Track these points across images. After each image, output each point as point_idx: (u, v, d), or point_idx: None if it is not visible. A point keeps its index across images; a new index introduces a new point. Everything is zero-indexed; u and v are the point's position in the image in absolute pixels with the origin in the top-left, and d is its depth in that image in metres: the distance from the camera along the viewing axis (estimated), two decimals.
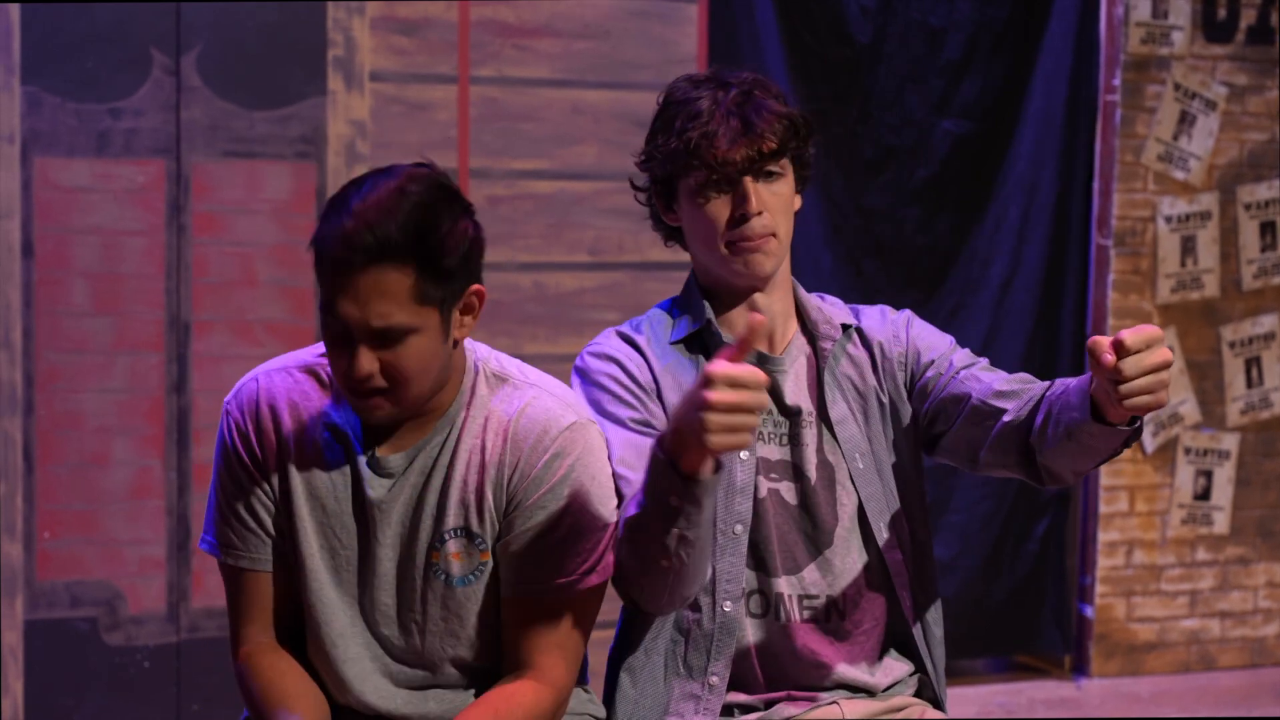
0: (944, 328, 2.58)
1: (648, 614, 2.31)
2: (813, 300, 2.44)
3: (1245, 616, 5.31)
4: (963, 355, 2.42)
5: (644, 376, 2.34)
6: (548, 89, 4.55)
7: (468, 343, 2.19)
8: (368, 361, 2.01)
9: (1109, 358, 1.97)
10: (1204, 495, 5.22)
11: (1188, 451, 5.21)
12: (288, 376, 2.19)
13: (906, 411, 2.41)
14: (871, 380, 2.40)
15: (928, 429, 2.41)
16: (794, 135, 2.32)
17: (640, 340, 2.38)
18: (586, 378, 2.35)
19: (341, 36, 4.33)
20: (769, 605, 2.32)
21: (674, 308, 2.44)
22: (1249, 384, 5.26)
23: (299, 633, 2.22)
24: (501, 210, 4.52)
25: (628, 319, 2.48)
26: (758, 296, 2.38)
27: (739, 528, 2.29)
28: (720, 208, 2.32)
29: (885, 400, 2.40)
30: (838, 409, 2.37)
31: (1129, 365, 1.98)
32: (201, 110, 4.25)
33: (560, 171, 4.57)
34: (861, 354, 2.42)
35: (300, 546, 2.16)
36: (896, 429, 2.41)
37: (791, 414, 2.36)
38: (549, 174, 4.56)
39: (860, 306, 2.51)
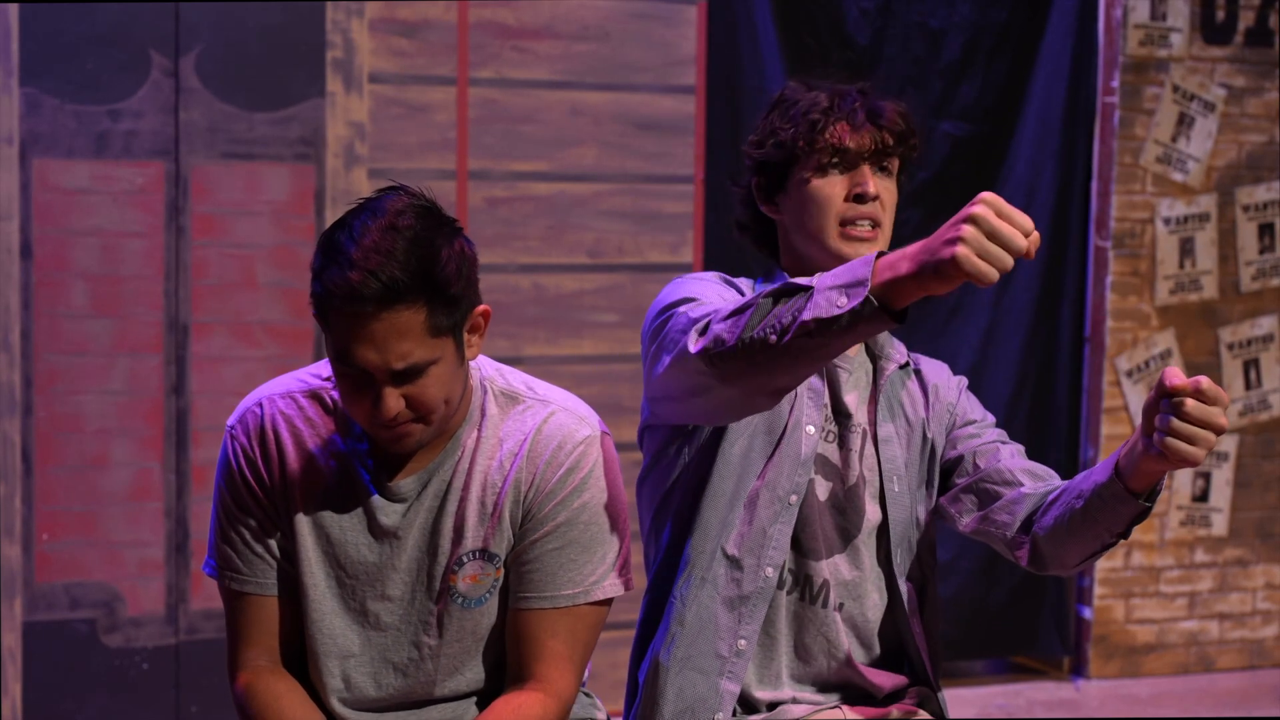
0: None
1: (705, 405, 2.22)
2: None
3: (1244, 618, 5.31)
4: (1001, 432, 2.47)
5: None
6: (547, 91, 4.55)
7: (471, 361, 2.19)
8: (394, 401, 2.01)
9: (1178, 381, 1.97)
10: (1202, 497, 5.23)
11: None
12: (292, 402, 2.17)
13: (939, 452, 2.46)
14: (923, 413, 2.44)
15: (943, 479, 2.45)
16: (911, 135, 2.37)
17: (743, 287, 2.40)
18: (686, 280, 2.35)
19: (340, 38, 4.33)
20: (798, 583, 2.35)
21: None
22: (1247, 386, 5.26)
23: (303, 655, 2.21)
24: (501, 212, 4.52)
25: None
26: None
27: (794, 498, 2.32)
28: (838, 186, 2.35)
29: (930, 436, 2.43)
30: (886, 428, 2.40)
31: (1195, 407, 1.97)
32: (200, 112, 4.25)
33: (560, 173, 4.57)
34: (917, 389, 2.46)
35: (304, 575, 2.15)
36: (931, 467, 2.44)
37: (844, 417, 2.39)
38: (548, 176, 4.56)
39: (919, 355, 2.55)
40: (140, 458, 4.25)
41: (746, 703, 2.36)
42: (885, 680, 2.40)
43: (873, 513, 2.37)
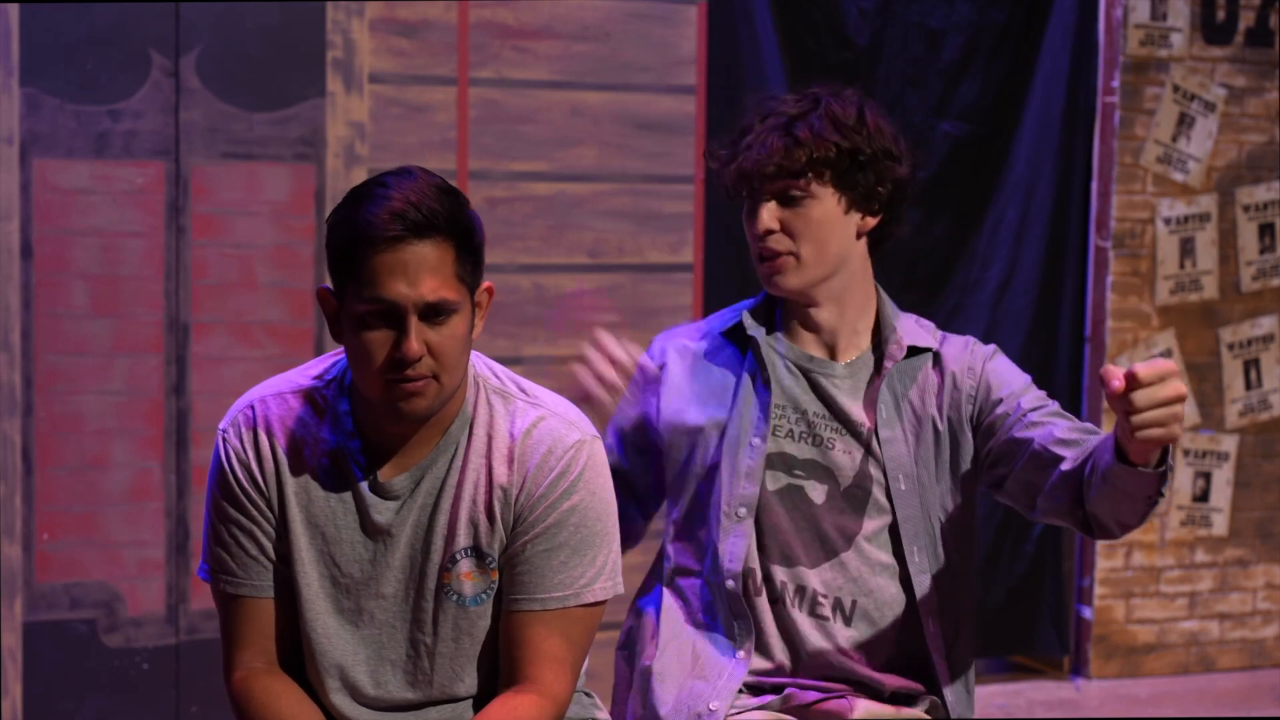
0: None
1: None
2: (896, 320, 2.47)
3: (1244, 618, 5.31)
4: (1033, 398, 2.41)
5: (650, 365, 2.46)
6: (547, 91, 4.55)
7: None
8: (419, 343, 2.03)
9: (1117, 384, 1.98)
10: (1203, 497, 5.22)
11: (1186, 453, 5.21)
12: (283, 402, 2.18)
13: (968, 443, 2.42)
14: (932, 407, 2.41)
15: (989, 470, 2.43)
16: (825, 163, 2.36)
17: (679, 334, 2.52)
18: None
19: (340, 38, 4.33)
20: (777, 593, 2.37)
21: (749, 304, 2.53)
22: (1248, 386, 5.26)
23: (299, 655, 2.21)
24: (501, 212, 4.52)
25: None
26: (811, 310, 2.43)
27: (743, 510, 2.34)
28: (750, 222, 2.41)
29: (943, 428, 2.41)
30: (889, 427, 2.39)
31: (1140, 398, 1.99)
32: (200, 112, 4.25)
33: (560, 173, 4.57)
34: (932, 379, 2.43)
35: (298, 575, 2.16)
36: (952, 457, 2.42)
37: (841, 420, 2.39)
38: (548, 176, 4.56)
39: (949, 334, 2.52)
40: (140, 458, 4.26)
41: (753, 688, 2.37)
42: (890, 680, 2.39)
43: (880, 513, 2.38)
